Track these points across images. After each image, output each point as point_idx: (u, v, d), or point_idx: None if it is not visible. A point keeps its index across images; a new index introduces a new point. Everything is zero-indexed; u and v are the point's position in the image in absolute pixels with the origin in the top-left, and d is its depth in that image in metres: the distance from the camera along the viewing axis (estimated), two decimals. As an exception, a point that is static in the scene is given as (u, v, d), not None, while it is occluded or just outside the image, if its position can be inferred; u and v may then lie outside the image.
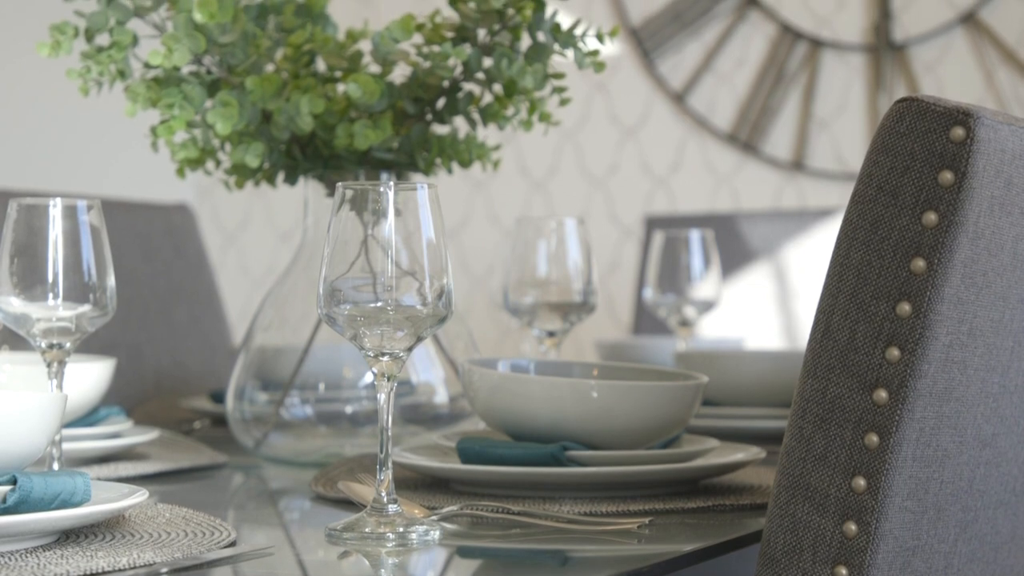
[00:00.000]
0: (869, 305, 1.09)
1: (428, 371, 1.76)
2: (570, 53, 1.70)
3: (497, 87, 1.72)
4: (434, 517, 1.25)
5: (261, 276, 4.40)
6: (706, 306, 2.40)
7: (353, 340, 1.20)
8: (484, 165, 1.79)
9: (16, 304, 1.33)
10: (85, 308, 1.34)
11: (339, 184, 1.20)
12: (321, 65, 1.76)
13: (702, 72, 3.96)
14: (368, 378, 1.72)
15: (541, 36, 1.69)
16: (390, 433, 1.21)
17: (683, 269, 2.40)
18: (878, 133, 1.10)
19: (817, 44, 3.86)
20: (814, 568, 1.10)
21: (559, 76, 1.71)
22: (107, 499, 1.15)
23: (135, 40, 1.64)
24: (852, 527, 1.09)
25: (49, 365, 1.36)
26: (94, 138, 4.04)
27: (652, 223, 3.29)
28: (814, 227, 3.18)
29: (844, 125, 3.84)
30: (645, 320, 3.19)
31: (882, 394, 1.08)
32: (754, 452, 1.46)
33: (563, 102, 1.73)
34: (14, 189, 2.58)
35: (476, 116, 1.74)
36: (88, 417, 1.68)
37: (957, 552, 1.16)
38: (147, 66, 1.65)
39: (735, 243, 3.18)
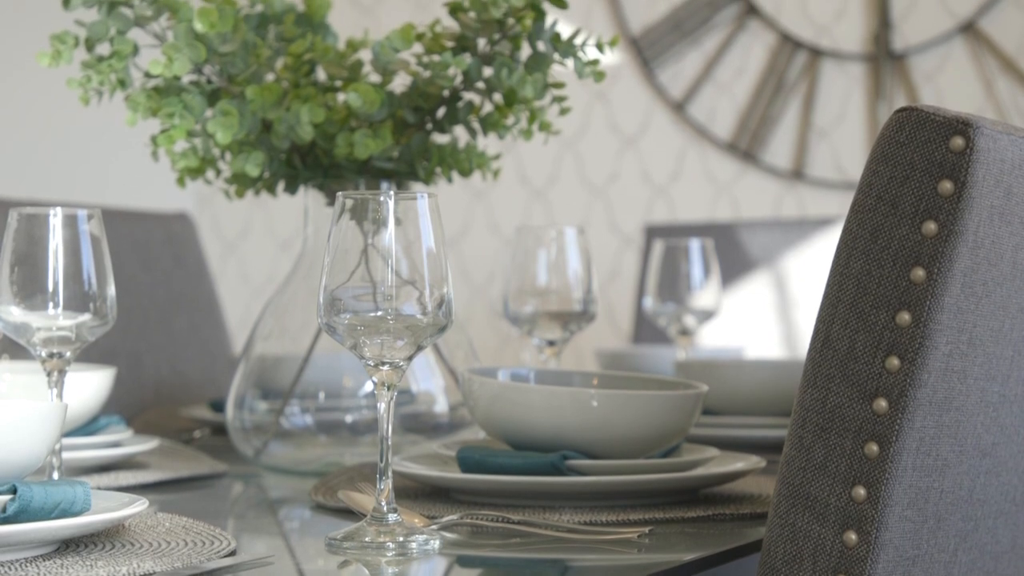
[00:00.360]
0: (869, 314, 1.09)
1: (428, 380, 1.76)
2: (570, 62, 1.70)
3: (497, 96, 1.72)
4: (434, 526, 1.25)
5: (261, 285, 4.40)
6: (706, 315, 2.40)
7: (353, 349, 1.20)
8: (484, 174, 1.79)
9: (16, 313, 1.33)
10: (85, 317, 1.34)
11: (339, 193, 1.20)
12: (321, 74, 1.76)
13: (702, 81, 3.97)
14: (368, 387, 1.72)
15: (541, 45, 1.69)
16: (390, 442, 1.21)
17: (683, 278, 2.40)
18: (878, 143, 1.10)
19: (817, 53, 3.86)
20: (814, 577, 1.10)
21: (559, 85, 1.71)
22: (107, 508, 1.15)
23: (135, 49, 1.64)
24: (852, 536, 1.09)
25: (49, 374, 1.36)
26: (94, 147, 4.04)
27: (652, 232, 3.30)
28: (814, 236, 3.18)
29: (844, 134, 3.84)
30: (645, 329, 3.19)
31: (882, 403, 1.08)
32: (754, 461, 1.46)
33: (563, 111, 1.73)
34: (14, 198, 2.58)
35: (476, 125, 1.75)
36: (88, 426, 1.68)
37: (957, 562, 1.16)
38: (147, 75, 1.65)
39: (735, 252, 3.19)
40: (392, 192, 1.19)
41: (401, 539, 1.18)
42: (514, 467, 1.38)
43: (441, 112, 1.73)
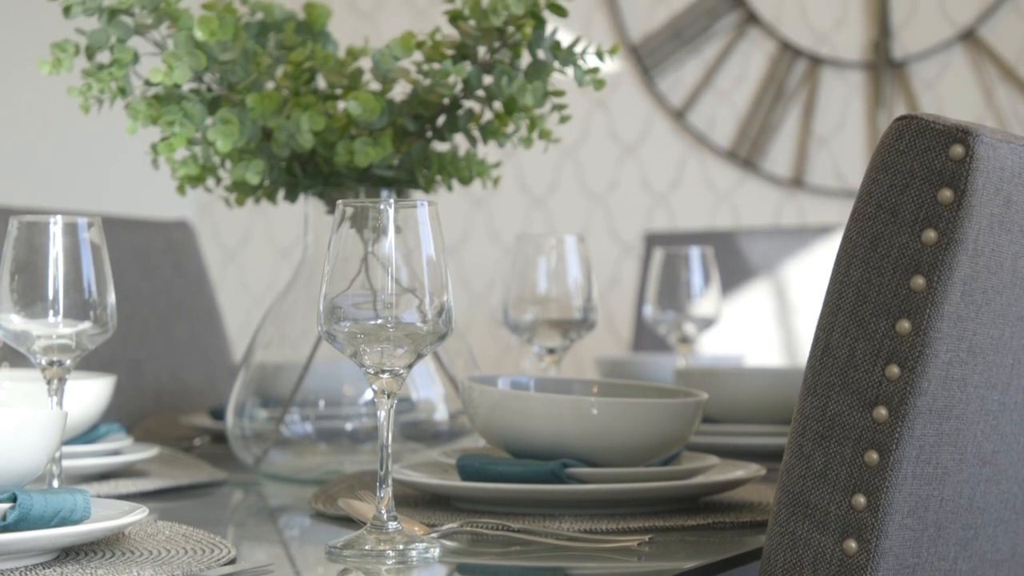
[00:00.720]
0: (869, 322, 1.09)
1: (428, 388, 1.76)
2: (570, 71, 1.70)
3: (497, 104, 1.72)
4: (434, 534, 1.25)
5: (261, 293, 4.40)
6: (706, 323, 2.40)
7: (353, 357, 1.20)
8: (484, 182, 1.79)
9: (16, 321, 1.33)
10: (85, 325, 1.34)
11: (339, 201, 1.20)
12: (321, 82, 1.76)
13: (702, 89, 3.97)
14: (368, 395, 1.72)
15: (541, 54, 1.69)
16: (390, 450, 1.21)
17: (683, 286, 2.40)
18: (877, 151, 1.10)
19: (816, 61, 3.87)
20: (814, 586, 1.10)
21: (559, 93, 1.72)
22: (107, 516, 1.15)
23: (136, 58, 1.64)
24: (852, 545, 1.09)
25: (49, 382, 1.36)
26: (94, 155, 4.05)
27: (652, 240, 3.30)
28: (814, 244, 3.18)
29: (844, 142, 3.85)
30: (645, 337, 3.19)
31: (882, 411, 1.08)
32: (754, 469, 1.46)
33: (563, 119, 1.73)
34: (15, 206, 2.58)
35: (476, 133, 1.75)
36: (88, 434, 1.68)
37: (957, 570, 1.16)
38: (148, 83, 1.65)
39: (735, 260, 3.19)
40: (392, 200, 1.19)
41: (401, 547, 1.18)
42: (514, 475, 1.38)
43: (441, 120, 1.73)
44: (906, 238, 1.08)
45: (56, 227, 1.33)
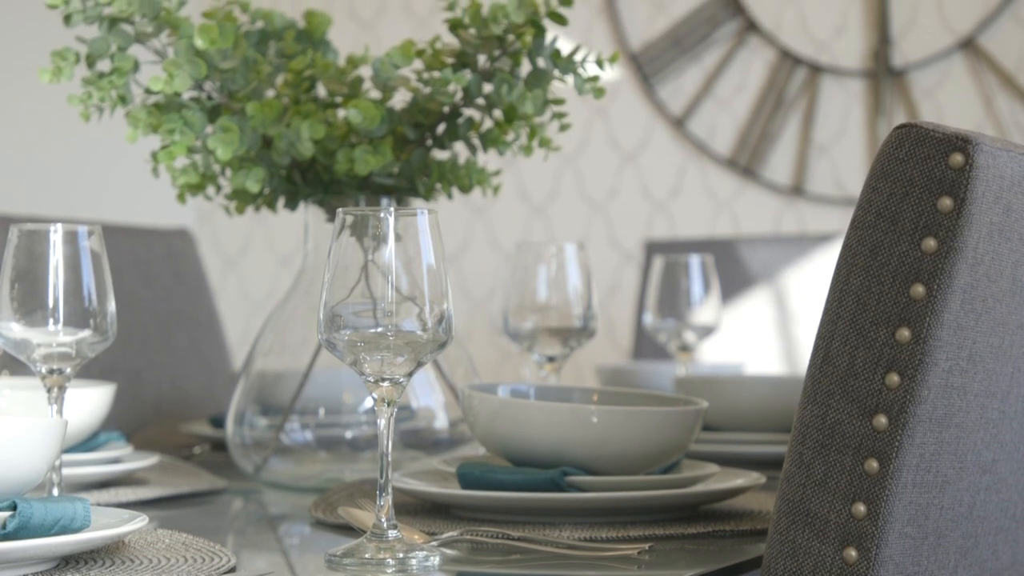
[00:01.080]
0: (869, 331, 1.09)
1: (428, 396, 1.76)
2: (570, 79, 1.70)
3: (497, 113, 1.72)
4: (434, 543, 1.25)
5: (261, 301, 4.40)
6: (706, 331, 2.40)
7: (353, 365, 1.20)
8: (484, 190, 1.79)
9: (16, 329, 1.33)
10: (85, 333, 1.34)
11: (339, 209, 1.21)
12: (322, 91, 1.77)
13: (702, 97, 3.97)
14: (368, 403, 1.72)
15: (541, 62, 1.69)
16: (390, 458, 1.21)
17: (683, 294, 2.40)
18: (877, 159, 1.10)
19: (816, 69, 3.87)
20: (814, 594, 1.10)
21: (559, 102, 1.72)
22: (107, 525, 1.14)
23: (136, 66, 1.64)
24: (852, 553, 1.09)
25: (49, 390, 1.36)
26: (95, 163, 4.05)
27: (652, 248, 3.30)
28: (814, 252, 3.18)
29: (843, 150, 3.85)
30: (645, 345, 3.19)
31: (882, 420, 1.08)
32: (754, 478, 1.46)
33: (563, 127, 1.73)
34: (15, 214, 2.58)
35: (476, 141, 1.75)
36: (88, 442, 1.68)
37: (957, 578, 1.16)
38: (148, 92, 1.65)
39: (735, 268, 3.19)
40: (392, 208, 1.20)
41: (401, 555, 1.18)
42: (514, 483, 1.38)
43: (441, 128, 1.73)
44: (906, 246, 1.08)
45: (56, 235, 1.33)
